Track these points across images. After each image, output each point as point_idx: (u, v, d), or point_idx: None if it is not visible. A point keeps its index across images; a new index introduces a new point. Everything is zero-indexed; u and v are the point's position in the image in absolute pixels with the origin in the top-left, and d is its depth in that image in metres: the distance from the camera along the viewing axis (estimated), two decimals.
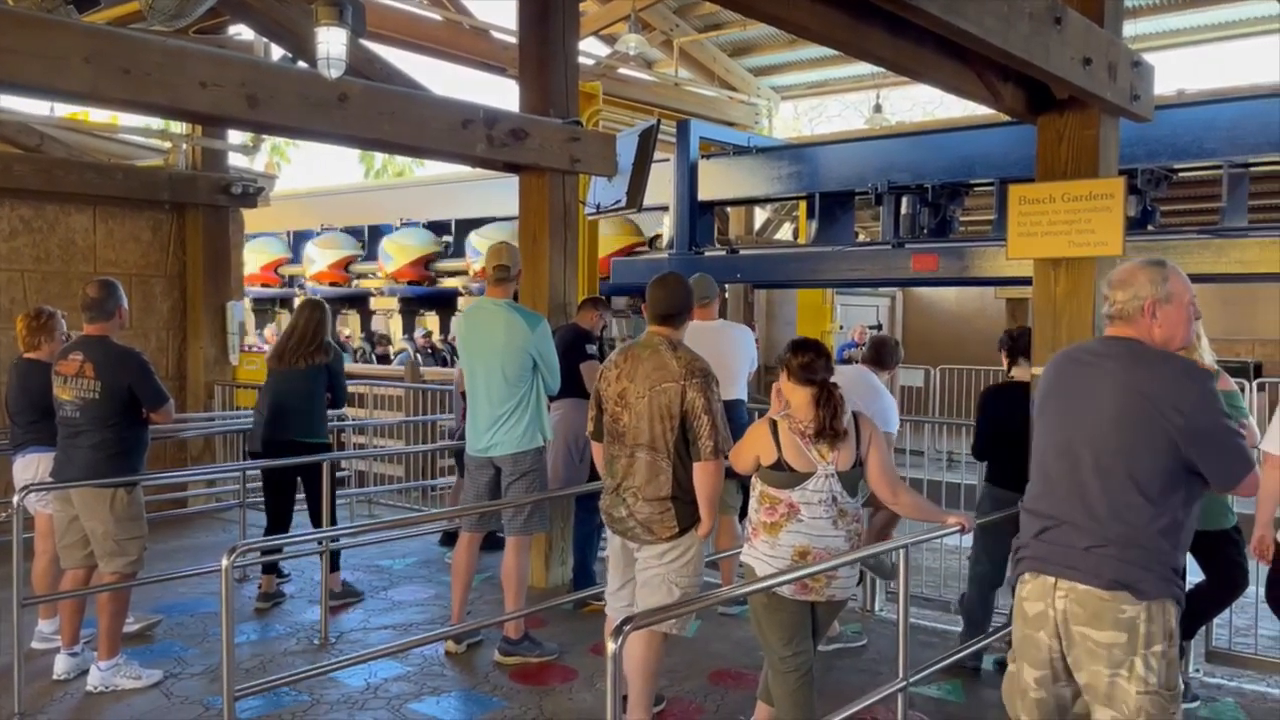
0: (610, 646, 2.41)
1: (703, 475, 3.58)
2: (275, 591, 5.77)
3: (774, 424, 3.40)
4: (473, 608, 5.43)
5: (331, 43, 4.22)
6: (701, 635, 5.15)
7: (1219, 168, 7.88)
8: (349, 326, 16.37)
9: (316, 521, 5.67)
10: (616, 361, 3.80)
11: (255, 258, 15.82)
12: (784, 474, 3.32)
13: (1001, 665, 4.14)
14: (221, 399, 8.75)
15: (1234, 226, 7.70)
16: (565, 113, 6.03)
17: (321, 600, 5.19)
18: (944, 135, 9.62)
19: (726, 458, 3.60)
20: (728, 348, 5.39)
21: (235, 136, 9.03)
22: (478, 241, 12.52)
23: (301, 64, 5.35)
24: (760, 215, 14.27)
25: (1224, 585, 4.34)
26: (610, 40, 12.43)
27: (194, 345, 8.74)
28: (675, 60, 13.39)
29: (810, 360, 3.36)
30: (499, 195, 9.99)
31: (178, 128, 8.99)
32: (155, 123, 9.61)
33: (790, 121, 22.53)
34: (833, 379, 3.39)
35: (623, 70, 12.19)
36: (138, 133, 9.23)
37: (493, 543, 5.84)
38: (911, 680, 3.49)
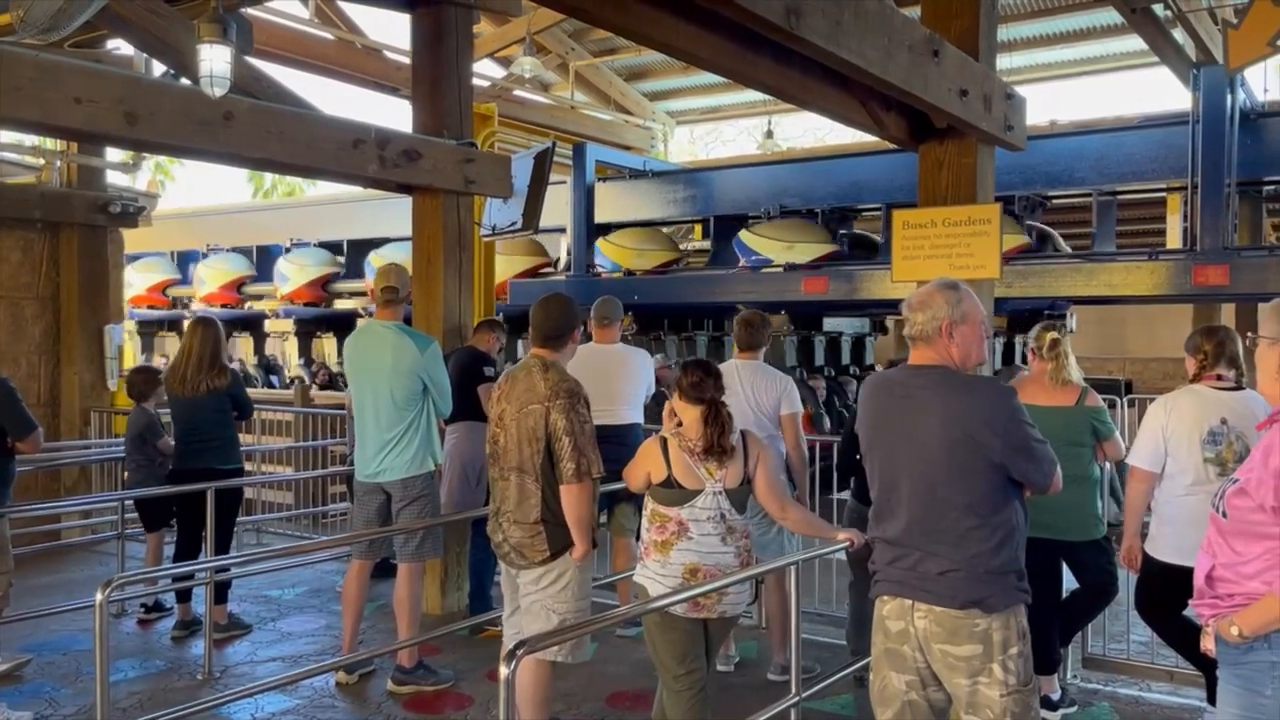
0: (503, 672, 2.40)
1: (567, 498, 3.57)
2: (192, 619, 5.56)
3: (664, 441, 3.44)
4: (365, 636, 5.31)
5: (215, 60, 4.12)
6: (599, 657, 5.14)
7: (1089, 195, 8.28)
8: (241, 351, 15.84)
9: (219, 550, 5.46)
10: (500, 384, 3.81)
11: (141, 279, 15.21)
12: (673, 491, 3.37)
13: None
14: (99, 426, 8.37)
15: (1103, 251, 8.10)
16: (459, 134, 6.00)
17: (205, 633, 5.01)
18: (833, 161, 9.90)
19: (595, 480, 3.61)
20: (623, 371, 5.42)
21: (115, 154, 8.70)
22: (377, 262, 12.30)
23: (185, 81, 5.20)
24: None
25: (1097, 593, 4.53)
26: (506, 63, 12.42)
27: (68, 370, 8.34)
28: (571, 84, 13.47)
29: (700, 379, 3.41)
30: (395, 215, 9.87)
31: (52, 144, 8.62)
32: (29, 138, 9.21)
33: (686, 146, 22.81)
34: (722, 398, 3.44)
35: (519, 93, 12.21)
36: (8, 148, 8.82)
37: (386, 570, 5.73)
38: (804, 696, 3.55)
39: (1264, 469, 2.40)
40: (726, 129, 24.66)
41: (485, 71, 12.61)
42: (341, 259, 13.91)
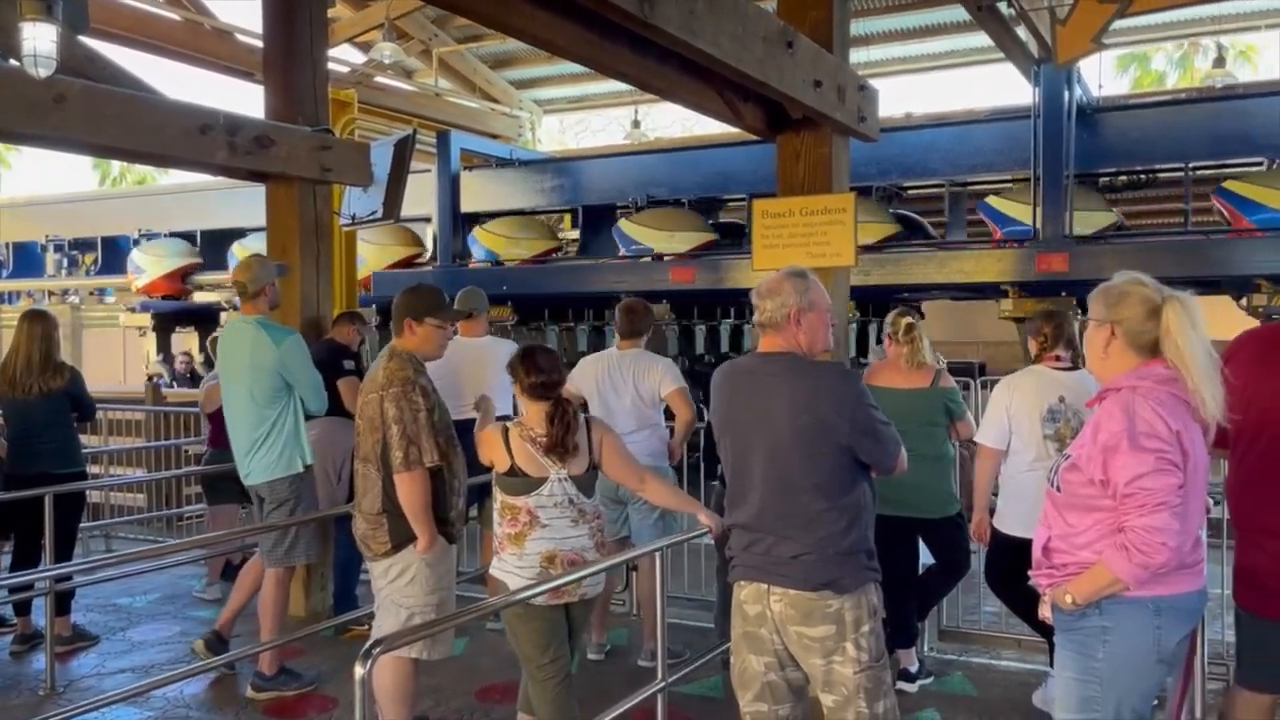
0: (358, 672, 2.34)
1: (399, 487, 3.57)
2: (32, 633, 5.24)
3: (506, 430, 3.41)
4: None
5: (39, 39, 3.86)
6: (469, 652, 5.08)
7: (942, 186, 8.59)
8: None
9: (59, 558, 5.14)
10: (370, 374, 3.76)
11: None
12: (518, 480, 3.35)
13: None
14: None
15: (955, 240, 8.42)
16: (315, 120, 5.81)
17: (47, 645, 4.73)
18: (699, 152, 9.99)
19: (427, 470, 3.57)
20: (490, 364, 5.36)
21: None
22: (241, 253, 11.79)
23: (14, 62, 4.88)
24: None
25: (951, 567, 4.72)
26: (365, 48, 12.09)
27: None
28: (435, 70, 13.21)
29: (542, 379, 3.38)
30: (254, 204, 9.50)
31: None
32: None
33: (555, 135, 22.74)
34: (563, 393, 3.43)
35: (380, 79, 11.90)
36: None
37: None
38: (670, 681, 3.58)
39: (1093, 445, 2.54)
40: (595, 118, 24.70)
41: (344, 57, 12.26)
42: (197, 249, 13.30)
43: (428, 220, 10.23)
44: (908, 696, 4.58)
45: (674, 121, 21.82)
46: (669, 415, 5.05)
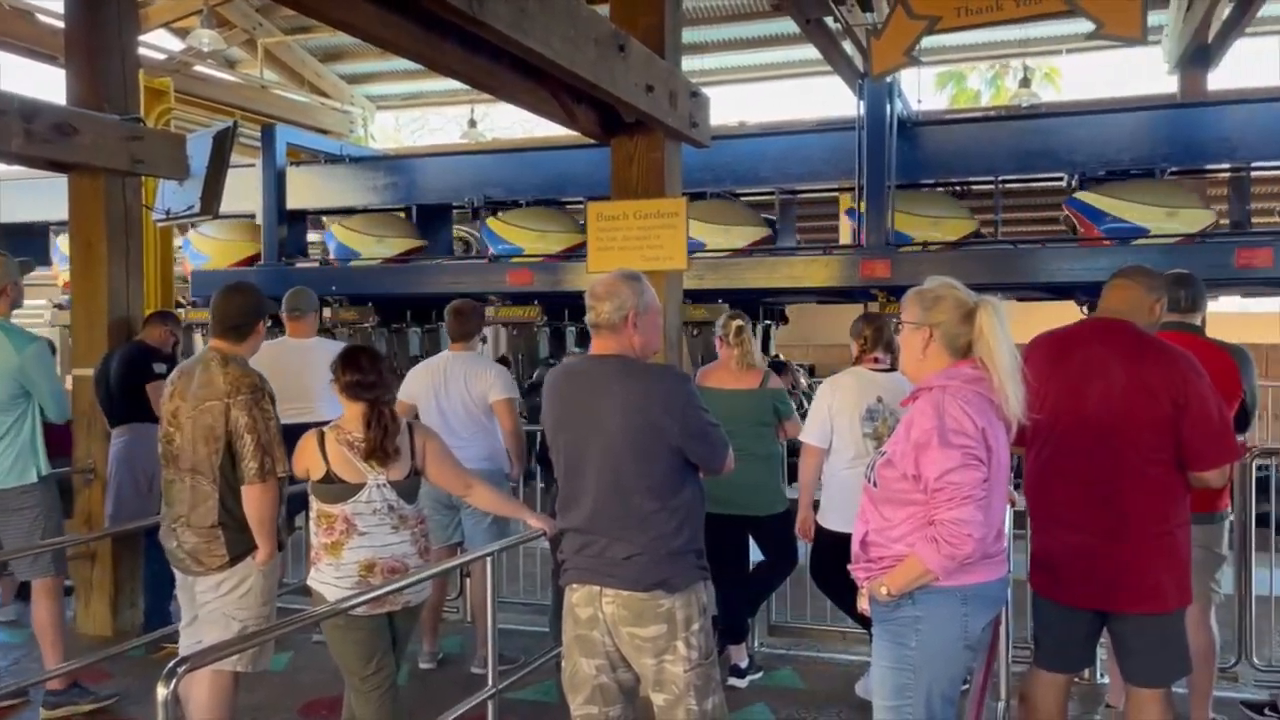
0: (161, 692, 2.20)
1: (249, 499, 3.41)
2: None
3: (322, 435, 3.30)
4: (18, 665, 4.75)
5: None
6: (292, 666, 4.89)
7: (772, 193, 8.83)
8: None
9: None
10: (173, 379, 3.55)
11: None
12: (335, 487, 3.25)
13: None
14: None
15: (785, 246, 8.67)
16: (124, 109, 5.47)
17: None
18: (537, 153, 9.92)
19: (280, 480, 3.45)
20: (319, 366, 5.17)
21: None
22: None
23: None
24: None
25: (778, 564, 4.86)
26: (184, 34, 11.49)
27: None
28: (260, 61, 12.68)
29: (359, 378, 3.28)
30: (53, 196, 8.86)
31: None
32: None
33: (391, 132, 22.20)
34: (386, 396, 3.33)
35: (200, 68, 11.33)
36: None
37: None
38: (501, 687, 3.54)
39: (906, 441, 2.65)
40: (433, 117, 24.26)
41: (161, 43, 11.62)
42: None
43: (251, 216, 9.79)
44: (738, 692, 4.68)
45: (514, 123, 21.65)
46: None
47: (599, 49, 3.79)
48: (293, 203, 9.59)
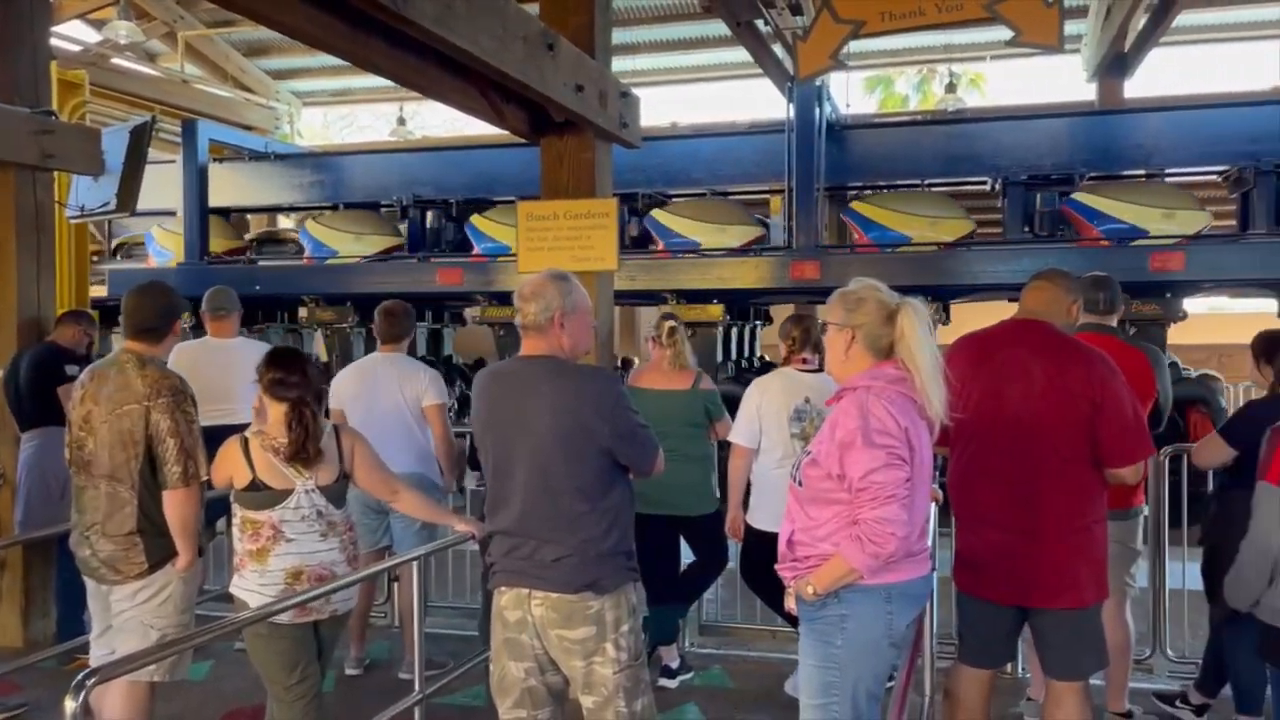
0: (69, 705, 2.12)
1: (171, 504, 3.32)
2: None
3: (245, 441, 3.22)
4: None
5: None
6: (213, 675, 4.77)
7: (704, 194, 8.87)
8: None
9: None
10: (84, 382, 3.44)
11: None
12: (261, 494, 3.17)
13: None
14: None
15: (719, 249, 8.71)
16: (35, 101, 5.29)
17: None
18: (467, 152, 9.86)
19: (206, 484, 3.37)
20: (242, 367, 5.05)
21: None
22: None
23: None
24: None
25: (709, 563, 4.87)
26: (101, 26, 11.15)
27: None
28: (181, 55, 12.36)
29: (283, 376, 3.21)
30: None
31: None
32: None
33: (320, 130, 21.82)
34: (309, 396, 3.26)
35: (119, 61, 11.01)
36: None
37: None
38: (428, 693, 3.49)
39: (831, 441, 2.67)
40: (362, 114, 23.91)
41: (76, 34, 11.26)
42: None
43: (172, 214, 9.56)
44: (669, 692, 4.68)
45: (445, 121, 21.43)
46: None
47: (528, 48, 3.76)
48: (215, 200, 9.38)
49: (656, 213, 8.26)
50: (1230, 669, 4.09)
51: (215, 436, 3.55)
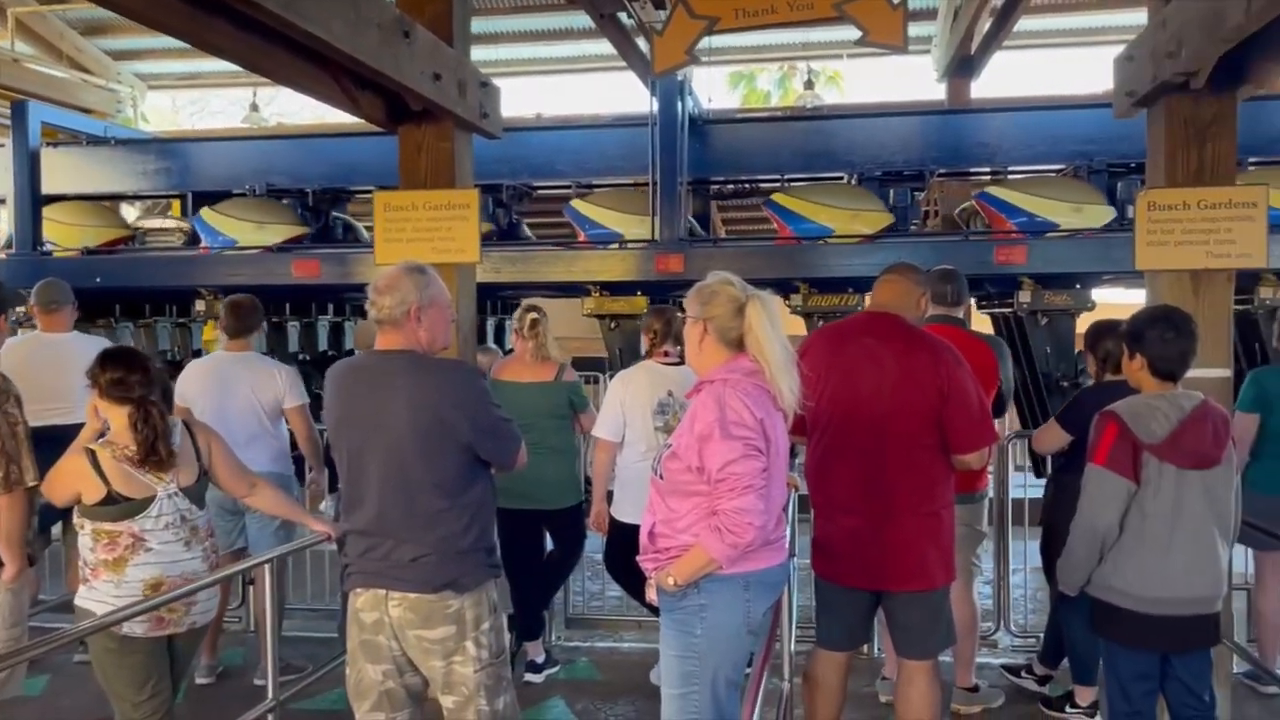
0: None
1: None
2: None
3: (93, 454, 3.03)
4: None
5: None
6: (50, 690, 4.51)
7: (569, 187, 8.82)
8: None
9: None
10: None
11: None
12: (119, 507, 3.00)
13: None
14: None
15: (586, 241, 8.68)
16: None
17: None
18: (325, 140, 9.51)
19: (30, 489, 3.18)
20: (77, 364, 4.77)
21: None
22: None
23: None
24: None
25: (566, 555, 4.88)
26: None
27: None
28: (11, 32, 11.56)
29: (122, 375, 3.05)
30: None
31: None
32: None
33: (168, 114, 20.84)
34: (153, 395, 3.11)
35: None
36: None
37: None
38: (282, 699, 3.38)
39: (690, 434, 2.70)
40: (214, 99, 22.94)
41: None
42: None
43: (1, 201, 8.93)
44: (534, 687, 4.67)
45: (303, 107, 20.74)
46: None
47: (382, 34, 3.65)
48: (49, 187, 8.81)
49: (576, 202, 8.18)
50: (1068, 642, 4.34)
51: (51, 437, 3.37)
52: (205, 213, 8.46)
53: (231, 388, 4.59)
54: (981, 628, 4.78)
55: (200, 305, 8.29)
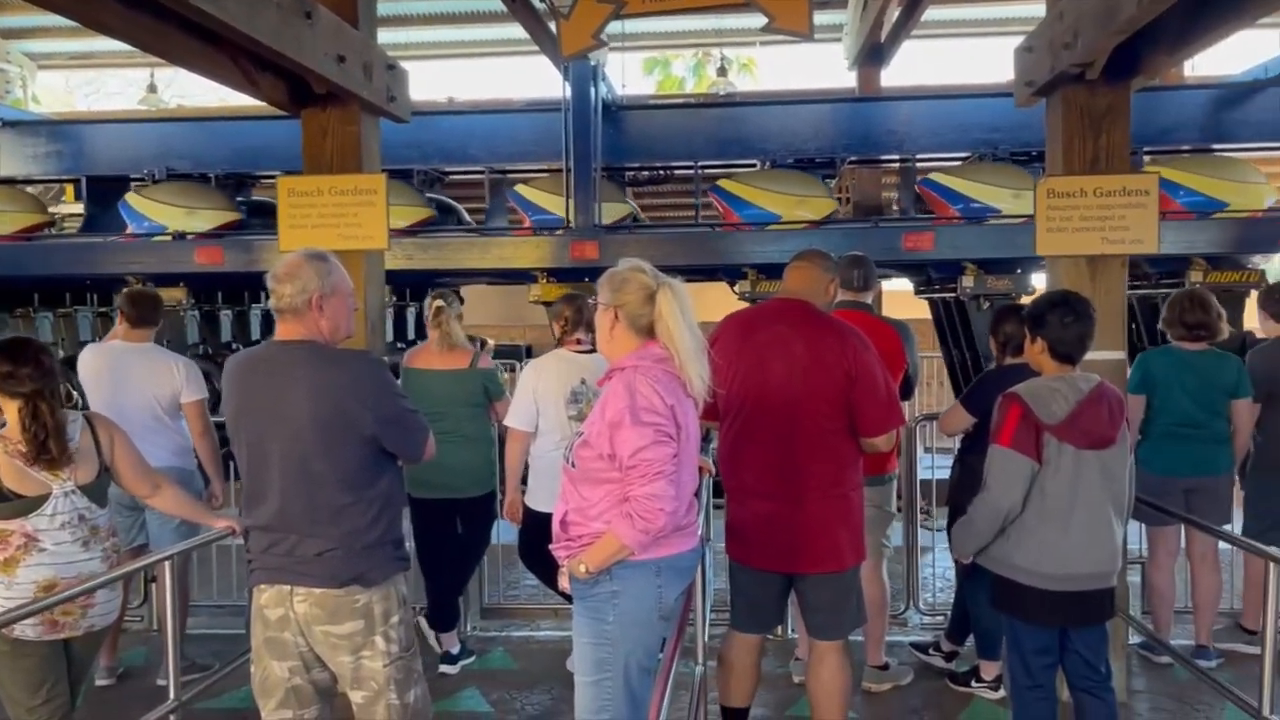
0: None
1: None
2: None
3: None
4: None
5: None
6: None
7: (482, 172, 8.73)
8: None
9: None
10: None
11: None
12: (9, 504, 2.88)
13: None
14: None
15: (496, 226, 8.61)
16: None
17: None
18: (229, 123, 9.24)
19: None
20: None
21: None
22: None
23: None
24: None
25: (479, 543, 4.84)
26: None
27: None
28: None
29: (12, 370, 2.92)
30: None
31: None
32: None
33: (62, 95, 19.99)
34: (46, 389, 2.98)
35: None
36: None
37: None
38: (185, 699, 3.29)
39: (601, 421, 2.69)
40: (110, 79, 22.07)
41: None
42: None
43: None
44: (449, 679, 4.62)
45: (207, 89, 20.11)
46: None
47: (282, 14, 3.54)
48: None
49: (520, 188, 8.10)
50: (973, 618, 4.45)
51: None
52: (131, 197, 8.14)
53: (127, 379, 4.44)
54: (891, 606, 4.88)
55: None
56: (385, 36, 7.49)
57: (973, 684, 4.45)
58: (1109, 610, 3.28)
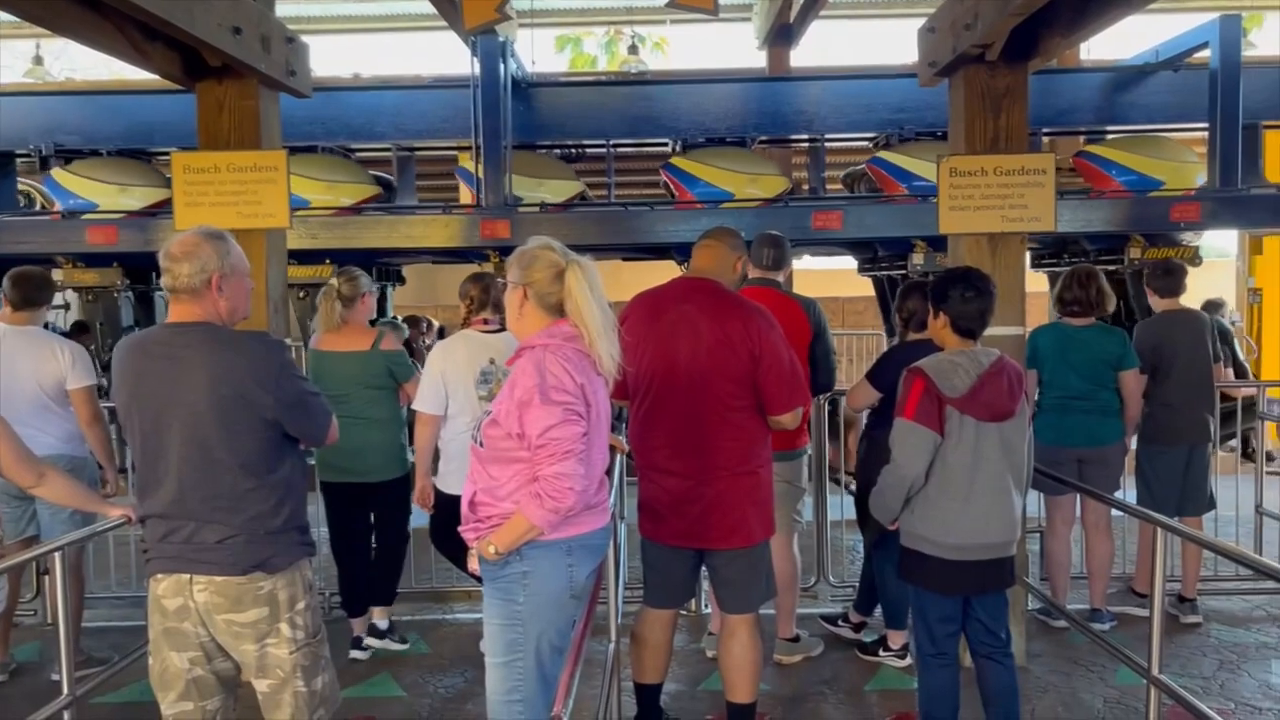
0: None
1: None
2: None
3: None
4: None
5: None
6: None
7: (389, 149, 8.54)
8: None
9: None
10: None
11: None
12: None
13: None
14: None
15: (405, 205, 8.44)
16: None
17: None
18: (121, 97, 8.85)
19: None
20: None
21: None
22: None
23: None
24: None
25: (396, 529, 4.78)
26: None
27: None
28: None
29: None
30: None
31: None
32: None
33: None
34: None
35: None
36: None
37: None
38: (79, 694, 3.17)
39: (510, 400, 2.66)
40: None
41: None
42: None
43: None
44: (361, 664, 4.56)
45: (98, 61, 19.27)
46: None
47: None
48: None
49: (464, 160, 7.90)
50: (880, 590, 4.55)
51: None
52: (58, 173, 7.75)
53: (12, 364, 4.25)
54: (802, 580, 4.96)
55: (58, 275, 7.62)
56: (286, 9, 7.28)
57: (880, 653, 4.56)
58: (1009, 578, 3.38)
